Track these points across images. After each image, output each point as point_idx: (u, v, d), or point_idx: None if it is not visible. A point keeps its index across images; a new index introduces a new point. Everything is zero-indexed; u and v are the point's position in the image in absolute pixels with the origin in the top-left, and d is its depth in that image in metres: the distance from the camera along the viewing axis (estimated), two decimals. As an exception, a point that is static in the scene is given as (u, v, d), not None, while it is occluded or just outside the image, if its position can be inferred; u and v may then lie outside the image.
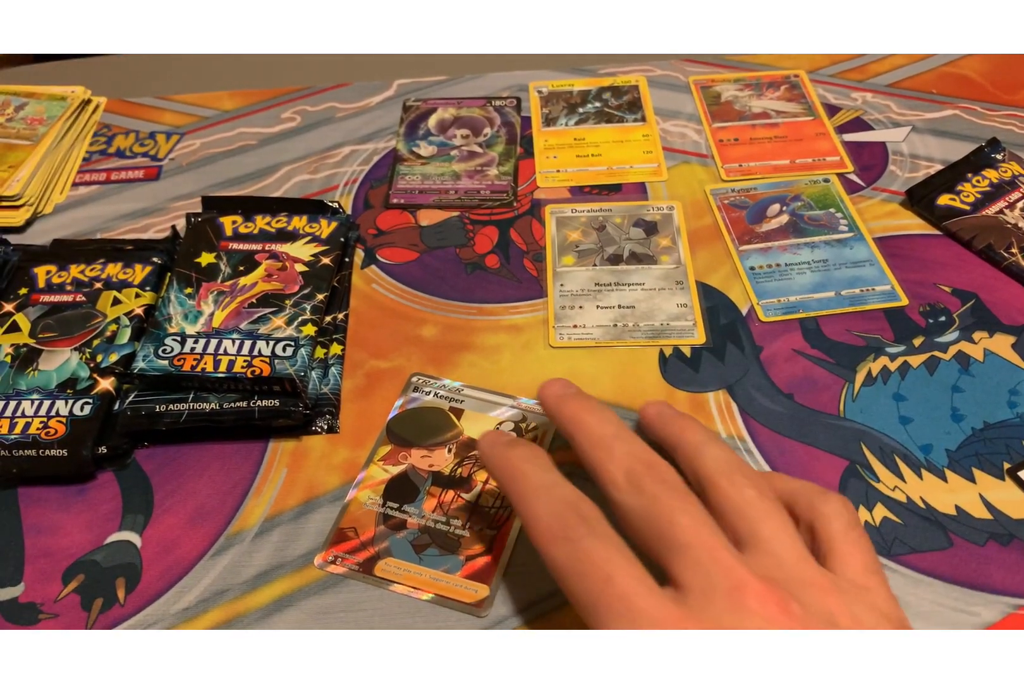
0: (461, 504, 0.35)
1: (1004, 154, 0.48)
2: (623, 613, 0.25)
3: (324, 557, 0.34)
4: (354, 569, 0.33)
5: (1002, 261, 0.43)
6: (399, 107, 0.55)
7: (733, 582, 0.25)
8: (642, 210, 0.48)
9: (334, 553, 0.34)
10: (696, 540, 0.26)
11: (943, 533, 0.34)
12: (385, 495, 0.36)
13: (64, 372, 0.39)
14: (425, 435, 0.38)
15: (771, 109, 0.54)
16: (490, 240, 0.47)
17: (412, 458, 0.37)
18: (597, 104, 0.55)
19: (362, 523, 0.35)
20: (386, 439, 0.38)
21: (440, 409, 0.39)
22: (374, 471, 0.37)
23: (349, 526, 0.35)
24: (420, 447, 0.37)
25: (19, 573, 0.34)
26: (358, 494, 0.36)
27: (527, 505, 0.28)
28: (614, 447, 0.28)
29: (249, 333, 0.39)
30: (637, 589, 0.25)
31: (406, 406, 0.39)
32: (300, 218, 0.45)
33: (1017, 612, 0.32)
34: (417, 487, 0.36)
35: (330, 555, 0.34)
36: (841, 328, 0.41)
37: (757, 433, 0.37)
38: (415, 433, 0.38)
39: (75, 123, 0.55)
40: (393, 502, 0.36)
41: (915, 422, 0.37)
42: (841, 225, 0.46)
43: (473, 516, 0.35)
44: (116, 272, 0.43)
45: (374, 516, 0.35)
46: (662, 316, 0.42)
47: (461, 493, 0.36)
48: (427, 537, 0.34)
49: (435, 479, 0.36)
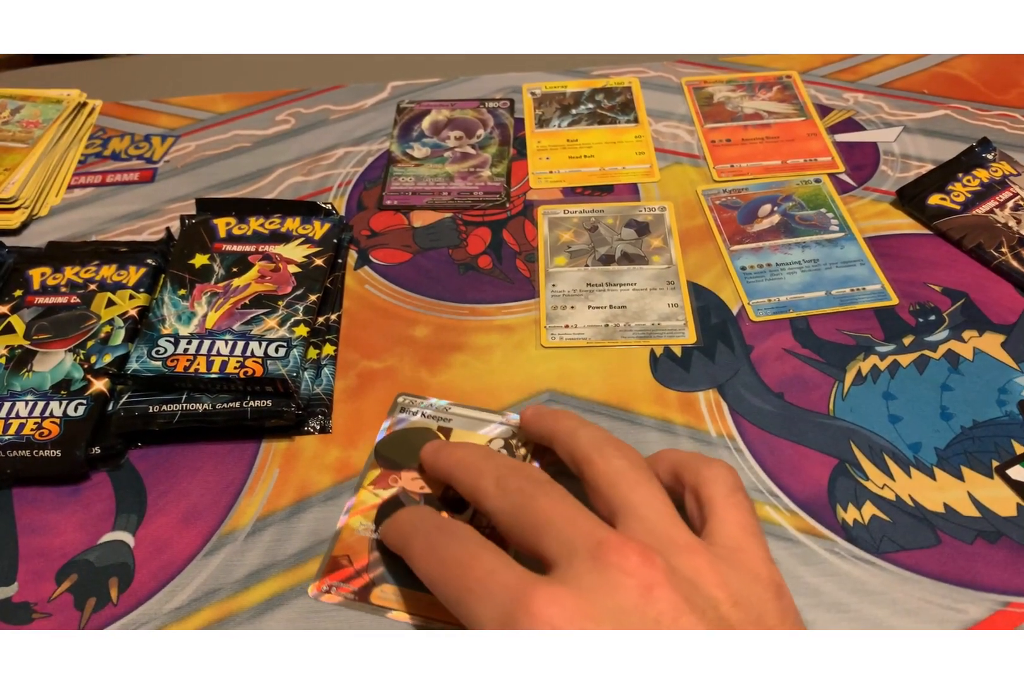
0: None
1: (995, 154, 0.48)
2: (484, 594, 0.25)
3: (318, 587, 0.33)
4: (350, 598, 0.33)
5: (992, 260, 0.43)
6: (393, 109, 0.56)
7: (593, 542, 0.25)
8: (634, 211, 0.48)
9: (328, 582, 0.33)
10: (557, 515, 0.26)
11: (931, 531, 0.34)
12: (377, 520, 0.35)
13: (58, 373, 0.39)
14: (414, 457, 0.36)
15: (763, 110, 0.54)
16: (483, 241, 0.47)
17: (403, 481, 0.36)
18: (590, 105, 0.55)
19: (355, 550, 0.34)
20: (375, 462, 0.37)
21: (428, 429, 0.38)
22: (364, 496, 0.36)
23: (342, 554, 0.34)
24: (410, 469, 0.36)
25: (12, 573, 0.34)
26: (349, 520, 0.35)
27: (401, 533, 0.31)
28: (482, 466, 0.30)
29: (242, 334, 0.39)
30: (494, 567, 0.26)
31: (393, 428, 0.38)
32: (293, 220, 0.45)
33: (1005, 609, 0.32)
34: None
35: (324, 585, 0.33)
36: (831, 327, 0.41)
37: (747, 432, 0.37)
38: (404, 455, 0.37)
39: (71, 126, 0.55)
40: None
41: (904, 421, 0.37)
42: (832, 225, 0.46)
43: None
44: (110, 274, 0.43)
45: (367, 542, 0.34)
46: (653, 316, 0.42)
47: (454, 515, 0.35)
48: None
49: (427, 501, 0.35)
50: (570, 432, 0.31)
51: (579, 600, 0.24)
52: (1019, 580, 0.32)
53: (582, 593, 0.24)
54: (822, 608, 0.32)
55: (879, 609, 0.32)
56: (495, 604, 0.25)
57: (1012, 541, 0.33)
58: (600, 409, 0.39)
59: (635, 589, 0.24)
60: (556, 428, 0.32)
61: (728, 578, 0.25)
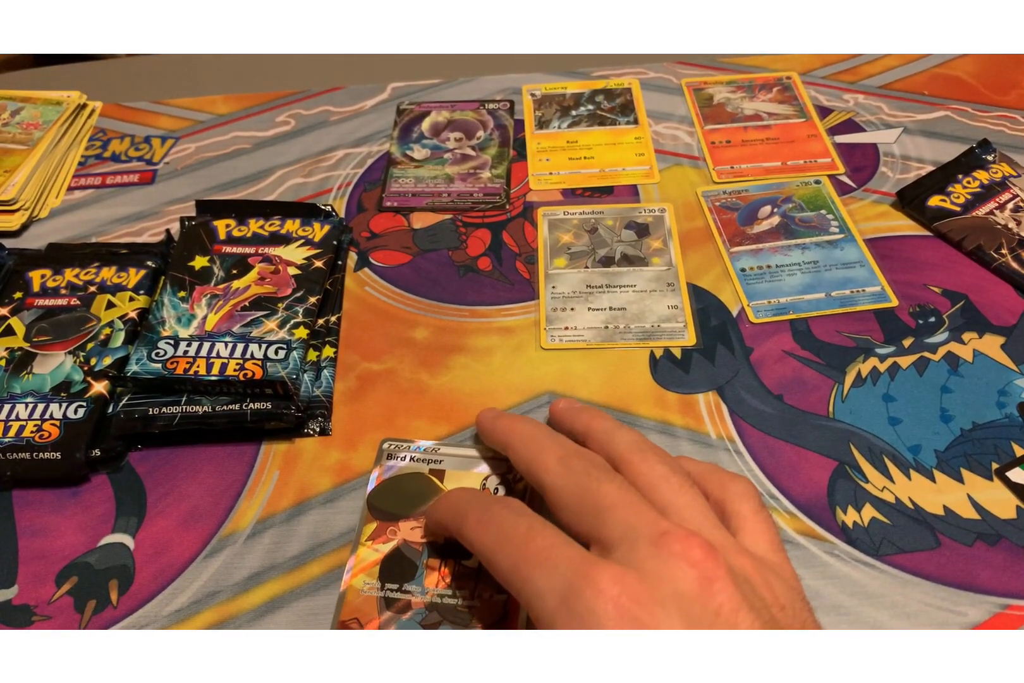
0: (464, 572, 0.33)
1: (995, 155, 0.48)
2: (546, 564, 0.25)
3: None
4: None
5: (992, 262, 0.43)
6: (393, 110, 0.56)
7: (658, 530, 0.25)
8: (634, 212, 0.48)
9: None
10: (621, 501, 0.27)
11: (931, 533, 0.34)
12: (382, 577, 0.33)
13: (58, 375, 0.39)
14: (410, 505, 0.35)
15: (763, 111, 0.54)
16: (483, 242, 0.47)
17: (402, 532, 0.34)
18: (590, 107, 0.55)
19: (364, 612, 0.32)
20: (369, 516, 0.35)
21: (420, 474, 0.36)
22: (364, 553, 0.34)
23: (351, 617, 0.32)
24: (408, 518, 0.35)
25: (12, 575, 0.34)
26: (352, 580, 0.33)
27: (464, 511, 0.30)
28: (545, 442, 0.31)
29: (242, 336, 0.39)
30: (555, 541, 0.26)
31: (382, 476, 0.36)
32: (293, 221, 0.45)
33: (1004, 612, 0.32)
34: (414, 562, 0.33)
35: None
36: (831, 329, 0.41)
37: (747, 434, 0.37)
38: (399, 504, 0.35)
39: (71, 127, 0.55)
40: (392, 583, 0.33)
41: (904, 423, 0.37)
42: (832, 226, 0.46)
43: (479, 583, 0.32)
44: (110, 276, 0.43)
45: (375, 602, 0.32)
46: (653, 318, 0.42)
47: (461, 561, 0.33)
48: (436, 615, 0.32)
49: (431, 550, 0.34)
50: (607, 432, 0.31)
51: (642, 583, 0.24)
52: (1018, 583, 0.32)
53: (645, 576, 0.24)
54: (822, 611, 0.32)
55: (878, 612, 0.32)
56: (558, 575, 0.25)
57: (1012, 543, 0.33)
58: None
59: (697, 579, 0.24)
60: (592, 426, 0.32)
61: (773, 584, 0.26)
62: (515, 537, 0.27)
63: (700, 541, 0.25)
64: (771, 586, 0.26)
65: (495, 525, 0.28)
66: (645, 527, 0.26)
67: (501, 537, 0.27)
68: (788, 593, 0.26)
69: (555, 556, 0.25)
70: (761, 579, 0.26)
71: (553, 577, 0.25)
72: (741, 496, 0.29)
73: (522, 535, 0.27)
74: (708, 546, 0.25)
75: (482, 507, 0.29)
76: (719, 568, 0.25)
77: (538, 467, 0.30)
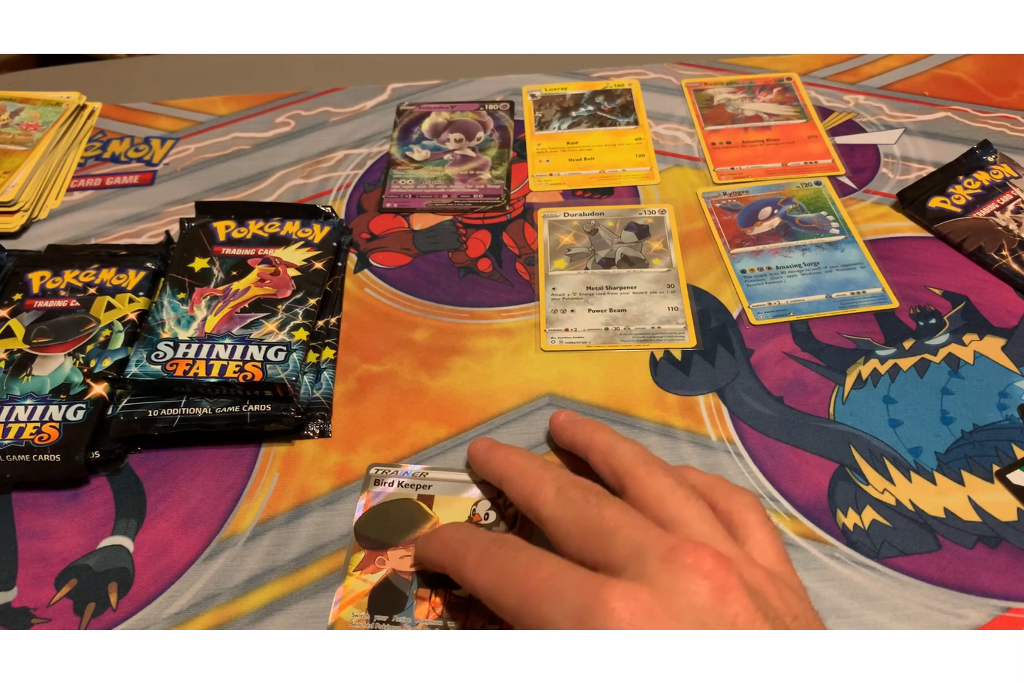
0: (455, 602, 0.32)
1: (995, 156, 0.48)
2: (553, 594, 0.25)
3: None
4: None
5: (993, 263, 0.43)
6: (393, 111, 0.56)
7: (666, 545, 0.25)
8: (634, 213, 0.48)
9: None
10: (625, 522, 0.27)
11: (932, 536, 0.34)
12: (371, 608, 0.32)
13: (57, 377, 0.39)
14: (398, 532, 0.34)
15: (763, 112, 0.54)
16: (483, 244, 0.47)
17: (391, 561, 0.33)
18: (590, 107, 0.55)
19: None
20: (357, 545, 0.34)
21: (408, 500, 0.35)
22: (352, 583, 0.33)
23: None
24: (397, 547, 0.34)
25: (12, 578, 0.34)
26: (340, 613, 0.32)
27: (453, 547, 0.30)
28: (543, 475, 0.30)
29: (241, 338, 0.39)
30: (558, 568, 0.26)
31: (370, 503, 0.35)
32: (293, 223, 0.45)
33: (1005, 614, 0.32)
34: (404, 593, 0.32)
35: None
36: (831, 331, 0.41)
37: (747, 436, 0.37)
38: (387, 532, 0.34)
39: (70, 128, 0.55)
40: (381, 615, 0.32)
41: (905, 425, 0.37)
42: (832, 228, 0.46)
43: (471, 613, 0.32)
44: (110, 277, 0.43)
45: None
46: (653, 319, 0.42)
47: (452, 590, 0.32)
48: None
49: (421, 580, 0.33)
50: (610, 446, 0.31)
51: (655, 598, 0.24)
52: (1019, 585, 0.32)
53: (657, 591, 0.24)
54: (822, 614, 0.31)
55: (879, 614, 0.32)
56: (568, 601, 0.24)
57: (1012, 546, 0.33)
58: (600, 413, 0.39)
59: (710, 591, 0.24)
60: (594, 439, 0.32)
61: (785, 594, 0.26)
62: (516, 573, 0.26)
63: (711, 552, 0.25)
64: (783, 596, 0.26)
65: (494, 565, 0.27)
66: (653, 544, 0.25)
67: (502, 576, 0.27)
68: (799, 603, 0.26)
69: (561, 583, 0.25)
70: (773, 589, 0.26)
71: (563, 604, 0.24)
72: (747, 507, 0.29)
73: (523, 569, 0.26)
74: (719, 556, 0.25)
75: (479, 548, 0.29)
76: (732, 578, 0.24)
77: (536, 501, 0.29)
